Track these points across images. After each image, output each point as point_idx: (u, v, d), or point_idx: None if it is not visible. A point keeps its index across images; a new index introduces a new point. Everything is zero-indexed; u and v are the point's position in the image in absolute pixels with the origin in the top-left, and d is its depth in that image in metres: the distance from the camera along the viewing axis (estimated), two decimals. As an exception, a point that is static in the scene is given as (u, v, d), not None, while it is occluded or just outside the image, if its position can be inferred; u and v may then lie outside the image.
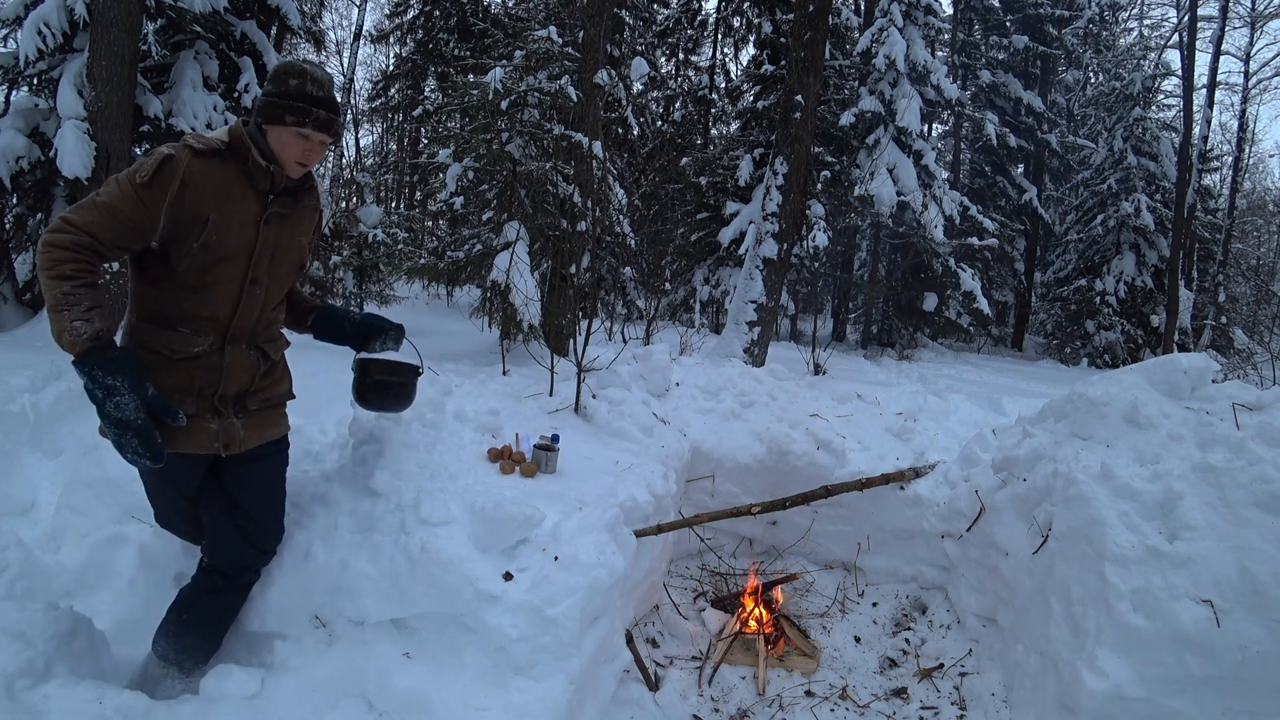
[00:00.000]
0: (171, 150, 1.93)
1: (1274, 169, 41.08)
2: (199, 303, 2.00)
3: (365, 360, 2.46)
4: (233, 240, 2.00)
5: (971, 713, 2.87)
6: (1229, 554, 2.29)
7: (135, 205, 1.87)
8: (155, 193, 1.89)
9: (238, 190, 2.01)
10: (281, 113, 2.02)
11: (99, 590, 2.67)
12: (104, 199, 1.86)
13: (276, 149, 2.05)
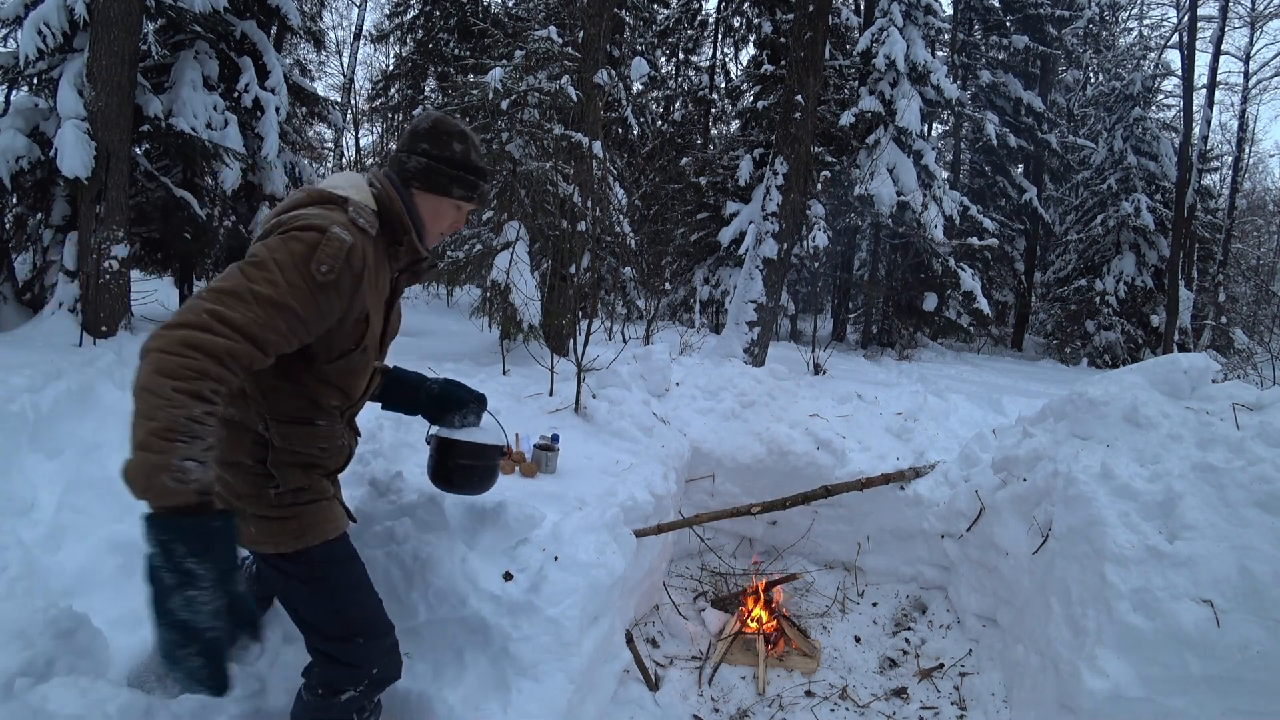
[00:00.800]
0: (349, 236, 1.50)
1: (1274, 169, 41.09)
2: (337, 395, 1.73)
3: (449, 442, 2.17)
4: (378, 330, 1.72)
5: (971, 713, 2.87)
6: (1229, 554, 2.29)
7: (310, 306, 1.45)
8: (339, 293, 1.50)
9: (383, 274, 1.68)
10: (449, 184, 1.75)
11: (99, 590, 2.67)
12: (268, 291, 1.39)
13: (428, 220, 1.77)
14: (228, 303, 1.37)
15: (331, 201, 1.57)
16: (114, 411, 3.85)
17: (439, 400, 2.17)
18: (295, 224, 1.49)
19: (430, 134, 1.75)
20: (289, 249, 1.44)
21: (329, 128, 13.03)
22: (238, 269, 1.43)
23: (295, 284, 1.42)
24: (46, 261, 6.15)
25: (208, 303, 1.36)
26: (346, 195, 1.59)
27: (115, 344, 5.21)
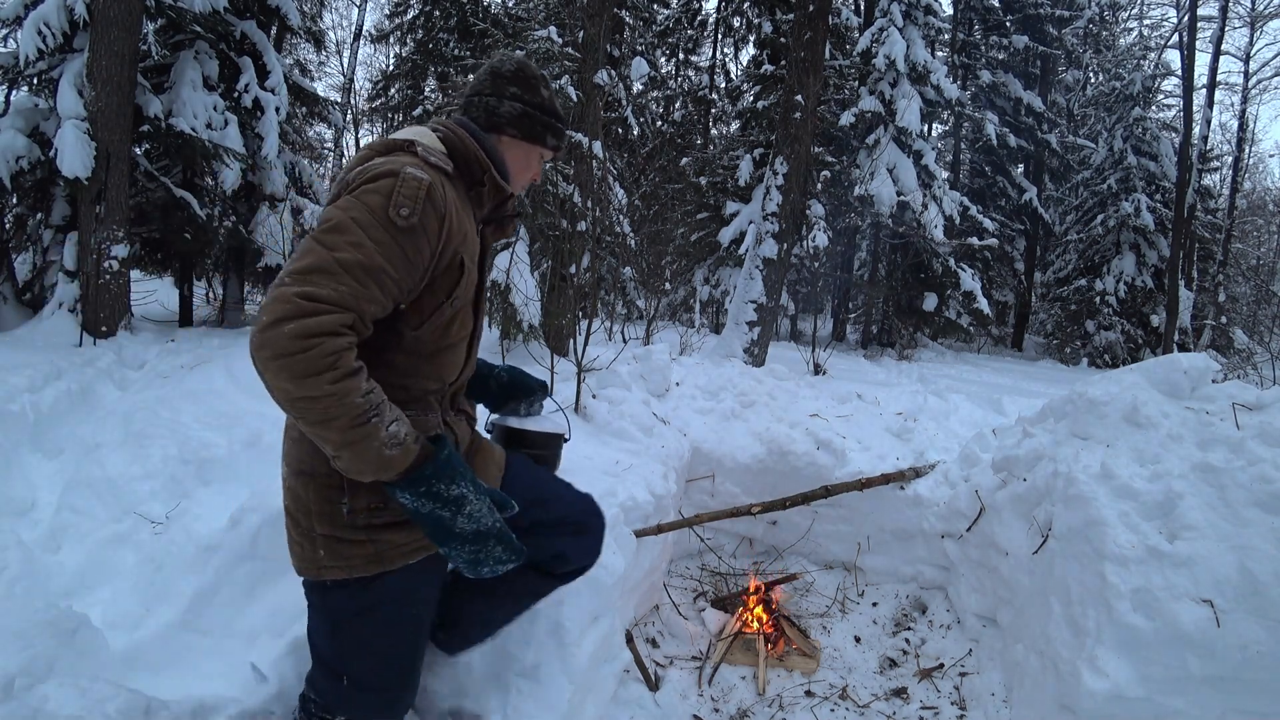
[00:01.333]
0: (424, 174, 1.37)
1: (1274, 169, 41.11)
2: (430, 373, 1.53)
3: (516, 431, 2.07)
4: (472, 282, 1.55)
5: (971, 713, 2.87)
6: (1229, 554, 2.29)
7: (401, 260, 1.33)
8: (424, 238, 1.36)
9: (467, 218, 1.52)
10: (544, 131, 1.64)
11: (99, 590, 2.67)
12: (355, 256, 1.27)
13: (516, 169, 1.65)
14: (315, 280, 1.22)
15: (397, 148, 1.46)
16: (114, 412, 3.86)
17: (508, 388, 2.05)
18: (364, 178, 1.36)
19: (518, 77, 1.61)
20: (365, 203, 1.32)
21: (329, 128, 13.02)
22: (313, 240, 1.28)
23: (380, 240, 1.29)
24: (46, 261, 6.15)
25: (293, 287, 1.21)
26: (411, 139, 1.48)
27: (115, 344, 5.22)
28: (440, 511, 1.33)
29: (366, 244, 1.28)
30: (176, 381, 4.30)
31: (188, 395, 4.00)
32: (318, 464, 1.44)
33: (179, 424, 3.57)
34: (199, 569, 2.63)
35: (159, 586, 2.64)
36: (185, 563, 2.67)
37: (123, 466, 3.19)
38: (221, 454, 3.33)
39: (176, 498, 3.07)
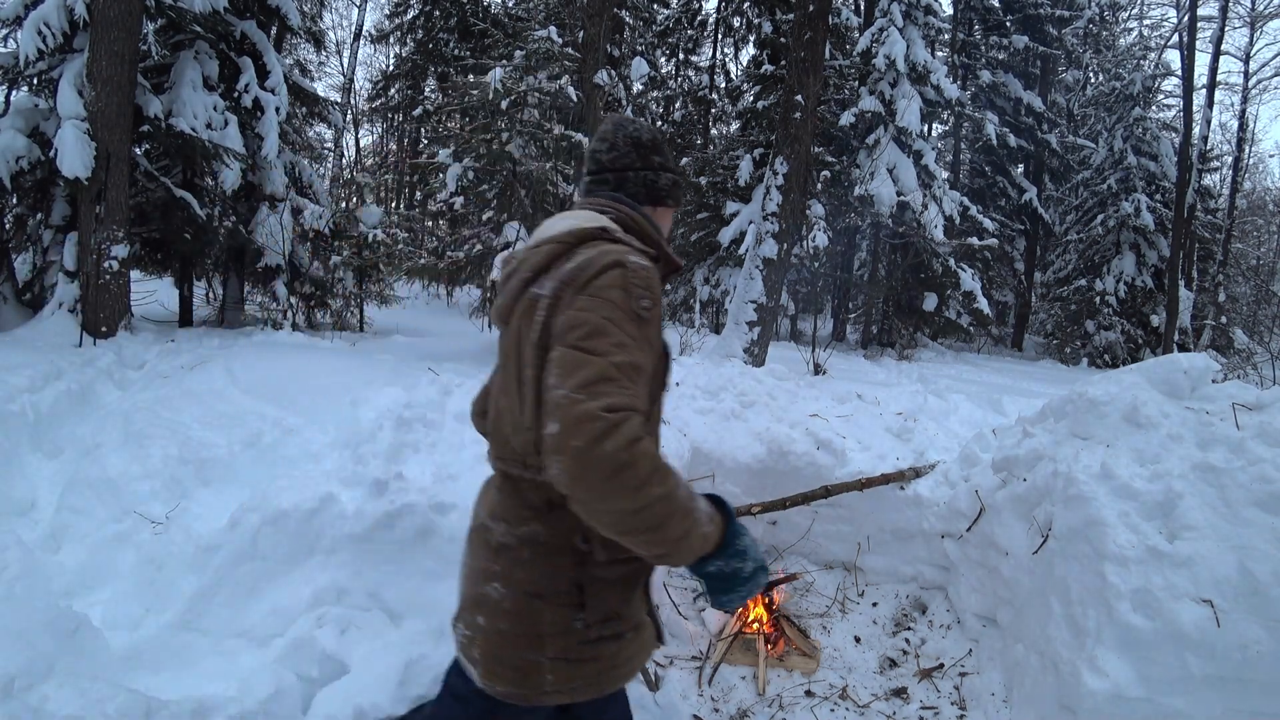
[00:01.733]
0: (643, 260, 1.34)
1: (1274, 169, 41.11)
2: None
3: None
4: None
5: (971, 713, 2.87)
6: (1229, 554, 2.29)
7: (649, 351, 1.31)
8: (657, 326, 1.34)
9: None
10: (681, 193, 1.61)
11: (99, 590, 2.67)
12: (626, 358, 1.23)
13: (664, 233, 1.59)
14: (606, 390, 1.17)
15: (593, 237, 1.39)
16: (114, 412, 3.86)
17: None
18: (591, 273, 1.29)
19: (658, 146, 1.58)
20: (609, 300, 1.26)
21: (329, 128, 13.01)
22: (578, 351, 1.21)
23: (633, 335, 1.25)
24: (46, 261, 6.15)
25: (591, 402, 1.15)
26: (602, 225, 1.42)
27: (115, 344, 5.22)
28: (738, 563, 1.29)
29: (628, 343, 1.24)
30: (176, 381, 4.30)
31: (188, 395, 4.00)
32: (556, 583, 1.36)
33: (179, 424, 3.57)
34: (199, 569, 2.63)
35: (159, 586, 2.64)
36: (185, 563, 2.67)
37: (123, 466, 3.19)
38: (221, 454, 3.33)
39: (176, 498, 3.07)
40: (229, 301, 7.84)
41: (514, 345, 1.37)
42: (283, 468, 3.14)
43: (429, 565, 2.41)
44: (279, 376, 4.39)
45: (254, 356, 4.91)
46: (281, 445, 3.42)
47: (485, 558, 1.43)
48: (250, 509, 2.62)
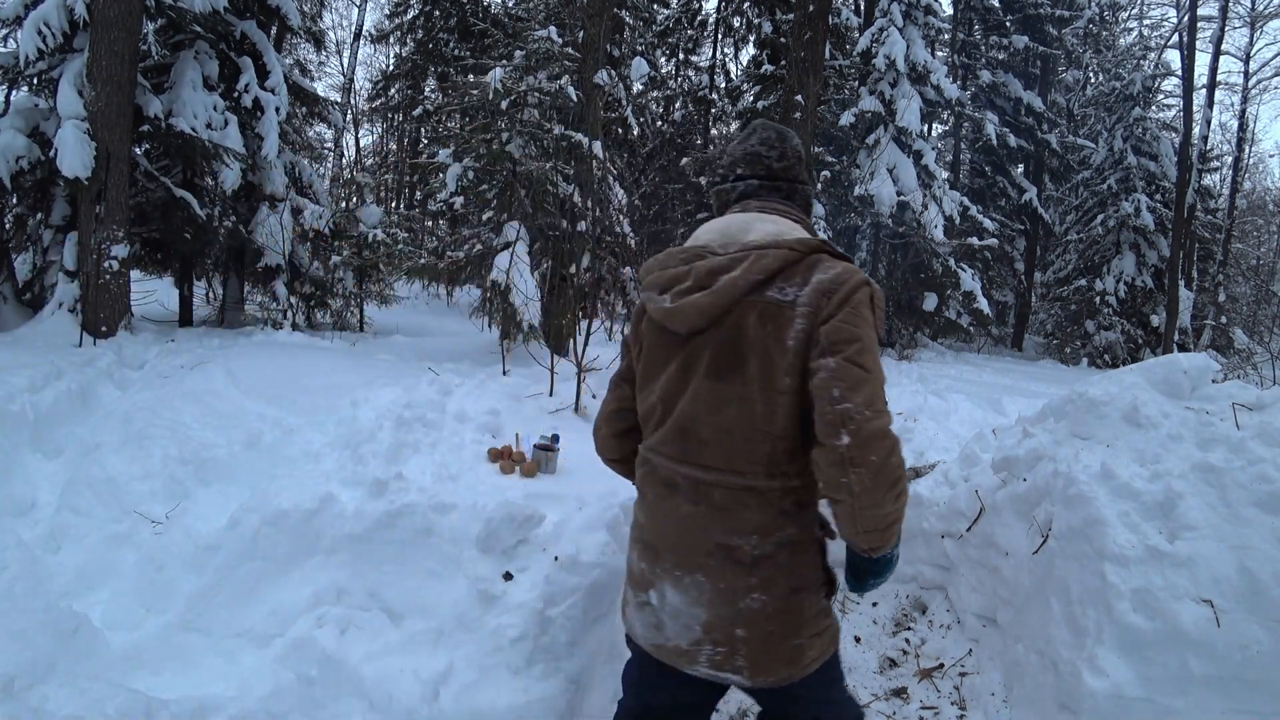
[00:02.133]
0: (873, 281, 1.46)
1: (1274, 169, 41.11)
2: None
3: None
4: None
5: (971, 713, 2.87)
6: (1229, 554, 2.29)
7: None
8: None
9: None
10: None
11: (99, 590, 2.67)
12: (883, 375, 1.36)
13: None
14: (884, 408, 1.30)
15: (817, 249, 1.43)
16: (114, 412, 3.86)
17: None
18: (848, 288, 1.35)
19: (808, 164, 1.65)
20: (866, 319, 1.35)
21: (329, 128, 13.02)
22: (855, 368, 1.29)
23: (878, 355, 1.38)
24: (46, 261, 6.15)
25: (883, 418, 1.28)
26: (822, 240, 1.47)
27: (115, 344, 5.21)
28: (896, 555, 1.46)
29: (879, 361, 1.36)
30: (176, 381, 4.30)
31: (188, 395, 4.00)
32: (813, 574, 1.48)
33: (179, 424, 3.56)
34: (199, 569, 2.63)
35: (159, 586, 2.64)
36: (185, 563, 2.67)
37: (123, 466, 3.19)
38: (221, 454, 3.33)
39: (176, 498, 3.07)
40: (229, 301, 7.83)
41: (751, 349, 1.36)
42: (282, 468, 3.14)
43: (429, 565, 2.41)
44: (279, 377, 4.39)
45: (254, 356, 4.91)
46: (281, 445, 3.42)
47: (737, 575, 1.40)
48: (250, 509, 2.62)
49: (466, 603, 2.28)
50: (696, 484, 1.41)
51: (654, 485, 1.49)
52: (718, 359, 1.39)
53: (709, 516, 1.41)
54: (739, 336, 1.37)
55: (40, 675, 1.98)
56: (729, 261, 1.40)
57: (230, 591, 2.51)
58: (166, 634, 2.46)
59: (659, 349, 1.48)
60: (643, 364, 1.53)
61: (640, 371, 1.54)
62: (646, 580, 1.49)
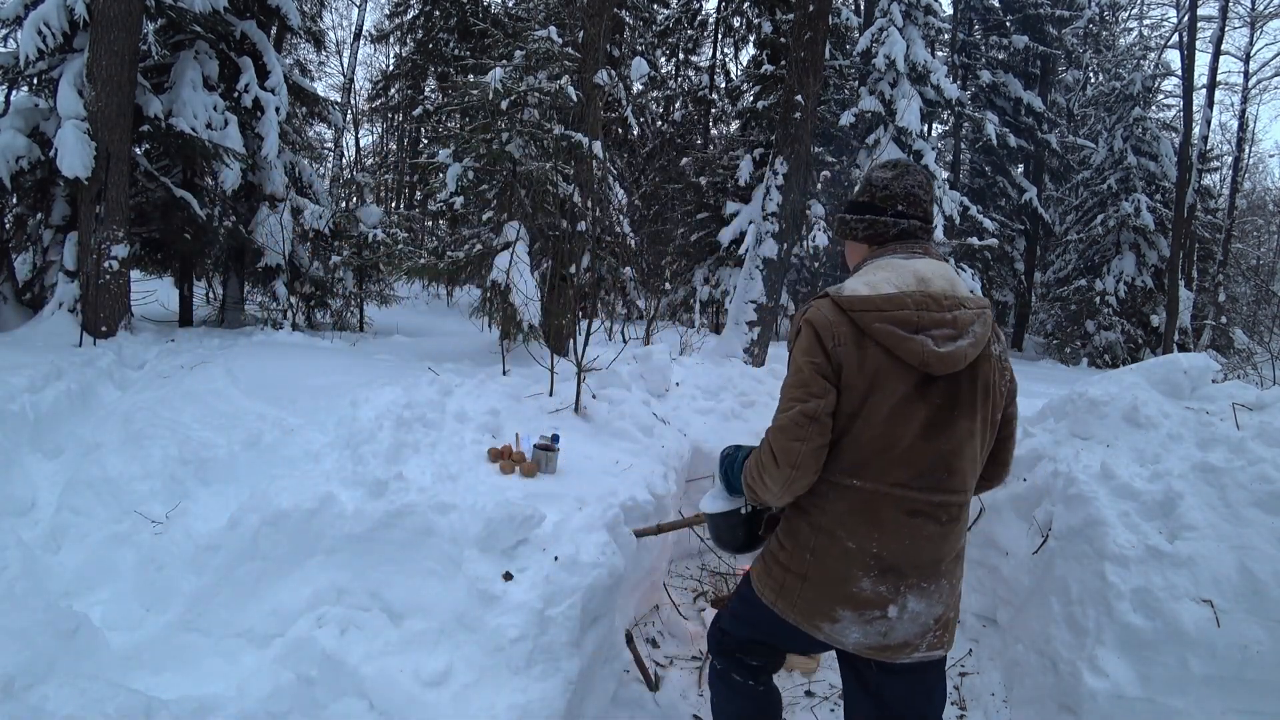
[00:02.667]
0: None
1: (1274, 169, 41.07)
2: None
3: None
4: None
5: (971, 712, 2.86)
6: (1229, 554, 2.29)
7: None
8: None
9: None
10: None
11: (99, 590, 2.67)
12: None
13: None
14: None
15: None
16: (114, 412, 3.86)
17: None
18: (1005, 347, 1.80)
19: None
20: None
21: (329, 128, 13.02)
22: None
23: None
24: (46, 261, 6.15)
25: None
26: None
27: (115, 344, 5.21)
28: None
29: None
30: (176, 381, 4.29)
31: (188, 395, 4.00)
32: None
33: (179, 424, 3.56)
34: (199, 569, 2.63)
35: (159, 586, 2.64)
36: (185, 563, 2.67)
37: (123, 466, 3.19)
38: (221, 454, 3.32)
39: (176, 498, 3.07)
40: (229, 301, 7.83)
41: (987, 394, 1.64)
42: (282, 468, 3.13)
43: (429, 565, 2.41)
44: (279, 376, 4.39)
45: (254, 356, 4.91)
46: (281, 445, 3.42)
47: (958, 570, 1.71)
48: (250, 509, 2.62)
49: (466, 603, 2.28)
50: (948, 507, 1.62)
51: (895, 513, 1.59)
52: (970, 400, 1.61)
53: (953, 532, 1.65)
54: (983, 382, 1.62)
55: (40, 675, 1.98)
56: (974, 315, 1.61)
57: (230, 591, 2.51)
58: (166, 634, 2.46)
59: (898, 383, 1.56)
60: (867, 395, 1.57)
61: (858, 402, 1.58)
62: (885, 599, 1.61)
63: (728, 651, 1.95)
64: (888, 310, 1.55)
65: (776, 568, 1.74)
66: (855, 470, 1.59)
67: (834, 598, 1.63)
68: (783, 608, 1.71)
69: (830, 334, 1.57)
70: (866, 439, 1.58)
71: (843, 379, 1.57)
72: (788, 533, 1.74)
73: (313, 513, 2.53)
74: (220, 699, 2.16)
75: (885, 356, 1.55)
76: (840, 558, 1.62)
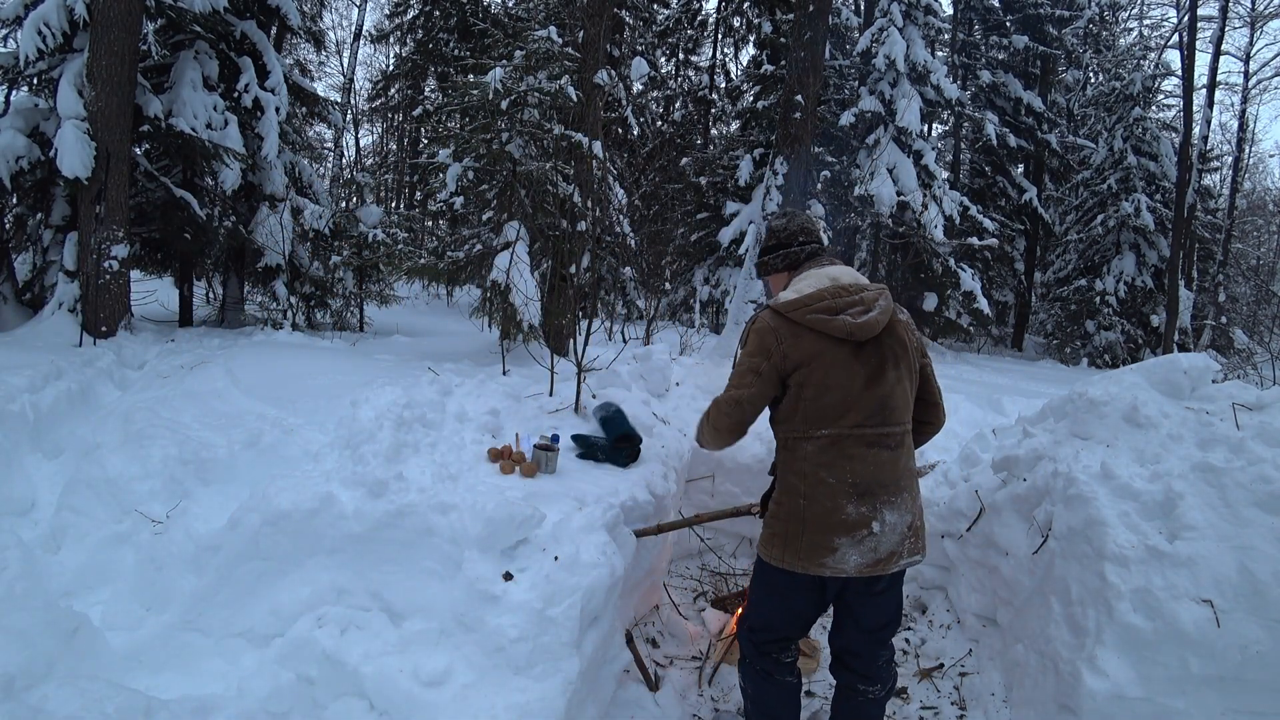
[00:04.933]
0: None
1: (1274, 169, 41.06)
2: None
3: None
4: None
5: (971, 713, 2.86)
6: (1229, 554, 2.29)
7: None
8: None
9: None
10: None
11: (99, 590, 2.67)
12: None
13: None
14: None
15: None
16: (114, 412, 3.86)
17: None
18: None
19: None
20: None
21: (329, 128, 13.03)
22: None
23: None
24: (46, 261, 6.15)
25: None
26: None
27: (115, 344, 5.21)
28: None
29: None
30: (176, 381, 4.29)
31: (188, 395, 4.00)
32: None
33: (179, 424, 3.56)
34: (199, 569, 2.63)
35: (159, 586, 2.64)
36: (185, 563, 2.67)
37: (123, 466, 3.19)
38: (221, 454, 3.32)
39: (176, 498, 3.07)
40: (229, 301, 7.83)
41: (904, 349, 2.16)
42: (283, 468, 3.13)
43: (429, 565, 2.41)
44: (279, 376, 4.39)
45: (254, 356, 4.91)
46: (281, 445, 3.42)
47: (914, 485, 2.18)
48: (250, 509, 2.62)
49: (466, 603, 2.28)
50: (893, 435, 2.11)
51: (858, 448, 2.07)
52: (892, 355, 2.12)
53: (902, 454, 2.14)
54: (899, 340, 2.15)
55: (40, 675, 1.98)
56: (876, 294, 2.14)
57: (230, 591, 2.51)
58: (166, 634, 2.46)
59: (837, 353, 2.08)
60: (813, 370, 2.07)
61: (809, 374, 2.08)
62: (867, 517, 2.06)
63: (764, 651, 2.29)
64: (813, 304, 2.09)
65: (778, 524, 2.16)
66: (822, 422, 2.08)
67: (829, 528, 2.06)
68: (789, 559, 2.10)
69: (774, 335, 2.11)
70: (826, 399, 2.07)
71: (790, 361, 2.09)
72: (783, 490, 2.17)
73: (313, 513, 2.53)
74: (220, 699, 2.16)
75: (821, 338, 2.07)
76: (827, 493, 2.07)
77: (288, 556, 2.52)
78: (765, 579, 2.26)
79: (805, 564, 2.09)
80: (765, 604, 2.30)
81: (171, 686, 2.24)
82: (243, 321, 7.62)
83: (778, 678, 2.30)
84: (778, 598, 2.25)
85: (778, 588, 2.22)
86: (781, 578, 2.17)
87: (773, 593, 2.25)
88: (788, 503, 2.14)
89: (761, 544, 2.23)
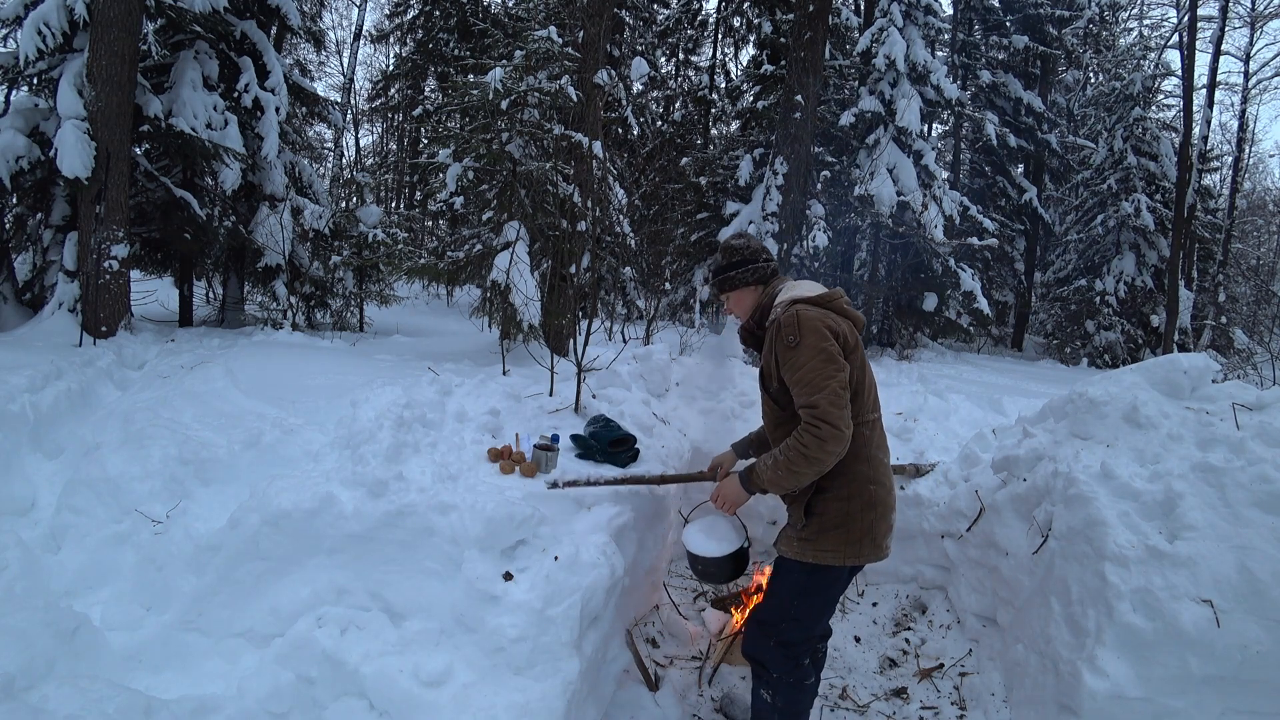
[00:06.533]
0: None
1: (1274, 169, 41.04)
2: None
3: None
4: None
5: (971, 713, 2.86)
6: (1229, 554, 2.29)
7: None
8: None
9: None
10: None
11: (99, 590, 2.67)
12: None
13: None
14: None
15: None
16: (114, 412, 3.85)
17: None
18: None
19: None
20: None
21: (329, 128, 13.02)
22: None
23: None
24: (46, 261, 6.15)
25: None
26: None
27: (115, 344, 5.21)
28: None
29: None
30: (176, 381, 4.29)
31: (188, 395, 4.00)
32: None
33: (179, 424, 3.56)
34: (199, 569, 2.63)
35: (159, 586, 2.64)
36: (185, 563, 2.67)
37: (123, 466, 3.19)
38: (221, 454, 3.32)
39: (176, 498, 3.06)
40: (229, 301, 7.83)
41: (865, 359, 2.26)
42: (283, 468, 3.13)
43: (429, 565, 2.41)
44: (279, 376, 4.39)
45: (254, 356, 4.91)
46: (281, 445, 3.42)
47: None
48: (250, 509, 2.62)
49: (466, 603, 2.28)
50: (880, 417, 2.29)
51: (880, 431, 2.24)
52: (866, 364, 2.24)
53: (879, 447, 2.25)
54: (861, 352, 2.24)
55: (40, 675, 1.98)
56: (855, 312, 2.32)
57: (230, 591, 2.51)
58: (166, 634, 2.46)
59: (858, 343, 2.20)
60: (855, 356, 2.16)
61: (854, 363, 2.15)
62: (891, 504, 2.20)
63: (799, 661, 2.29)
64: (836, 298, 2.23)
65: (841, 519, 2.14)
66: (873, 407, 2.22)
67: (889, 507, 2.19)
68: (854, 552, 2.14)
69: (824, 321, 2.12)
70: (866, 384, 2.20)
71: (846, 346, 2.13)
72: (850, 481, 2.15)
73: (313, 513, 2.53)
74: (220, 699, 2.16)
75: (852, 328, 2.19)
76: (888, 474, 2.22)
77: (288, 556, 2.52)
78: (807, 583, 2.20)
79: (871, 550, 2.15)
80: (805, 609, 2.24)
81: (171, 686, 2.24)
82: (243, 321, 7.62)
83: (807, 682, 2.32)
84: (819, 598, 2.23)
85: (820, 587, 2.20)
86: (827, 575, 2.17)
87: (814, 593, 2.21)
88: (862, 493, 2.14)
89: (810, 548, 2.16)
